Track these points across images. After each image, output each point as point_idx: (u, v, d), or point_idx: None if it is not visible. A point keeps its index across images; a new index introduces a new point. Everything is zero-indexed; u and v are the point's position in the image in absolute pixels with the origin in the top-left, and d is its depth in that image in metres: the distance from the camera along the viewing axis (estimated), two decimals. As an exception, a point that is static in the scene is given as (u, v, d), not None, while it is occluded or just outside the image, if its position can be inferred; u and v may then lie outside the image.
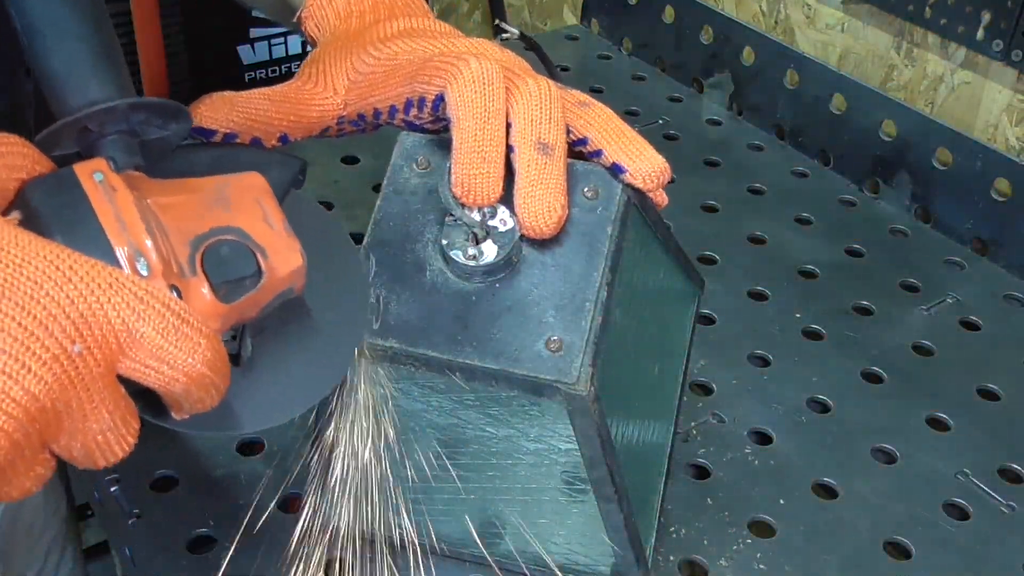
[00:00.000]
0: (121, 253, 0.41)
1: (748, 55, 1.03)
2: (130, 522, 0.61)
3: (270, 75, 1.23)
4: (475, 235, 0.50)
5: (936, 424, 0.71)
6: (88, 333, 0.38)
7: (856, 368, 0.75)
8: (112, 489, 0.63)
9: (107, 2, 0.49)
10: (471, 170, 0.50)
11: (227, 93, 0.56)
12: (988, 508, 0.65)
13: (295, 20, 0.65)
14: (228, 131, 0.55)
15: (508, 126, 0.51)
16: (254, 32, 1.20)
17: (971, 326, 0.80)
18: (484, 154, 0.50)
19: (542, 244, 0.51)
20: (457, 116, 0.51)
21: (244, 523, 0.58)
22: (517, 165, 0.51)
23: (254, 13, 1.18)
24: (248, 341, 0.47)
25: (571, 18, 1.35)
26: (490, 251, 0.50)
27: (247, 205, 0.46)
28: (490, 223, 0.50)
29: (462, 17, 1.54)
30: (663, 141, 1.00)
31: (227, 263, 0.44)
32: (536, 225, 0.50)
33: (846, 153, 0.96)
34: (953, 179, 0.88)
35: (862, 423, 0.71)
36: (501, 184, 0.50)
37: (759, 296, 0.81)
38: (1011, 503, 0.65)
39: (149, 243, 0.41)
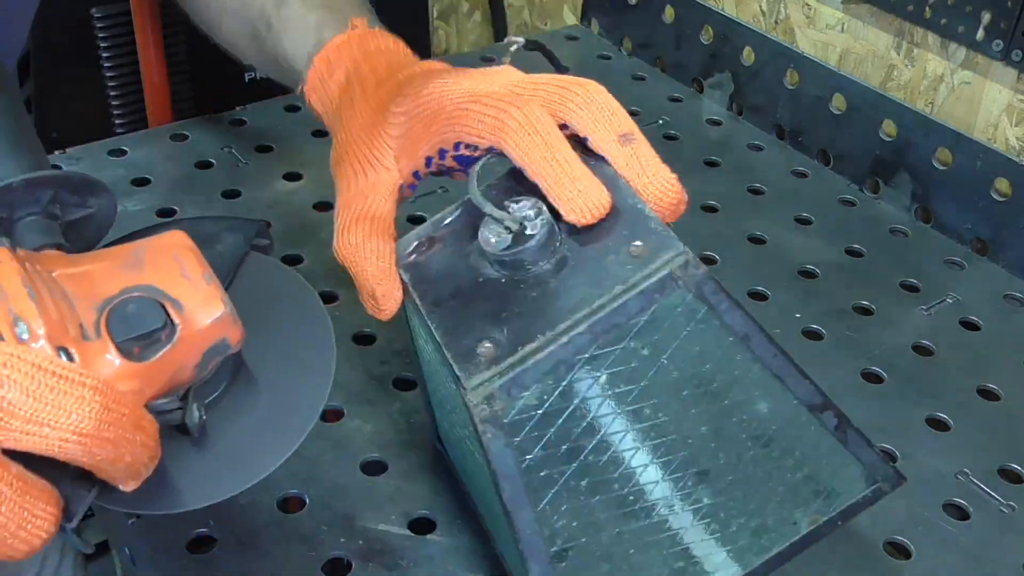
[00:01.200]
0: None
1: (748, 55, 1.03)
2: (130, 522, 0.61)
3: (270, 75, 1.23)
4: (508, 228, 0.51)
5: (936, 424, 0.71)
6: None
7: (856, 368, 0.75)
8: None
9: (107, 3, 0.49)
10: (572, 195, 0.50)
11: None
12: (988, 508, 0.65)
13: (298, 92, 0.66)
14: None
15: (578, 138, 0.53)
16: (254, 32, 1.20)
17: (971, 326, 0.80)
18: (571, 175, 0.51)
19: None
20: (527, 163, 0.52)
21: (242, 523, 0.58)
22: (615, 168, 0.52)
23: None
24: (194, 408, 0.45)
25: (571, 18, 1.35)
26: (533, 231, 0.51)
27: (163, 262, 0.44)
28: (519, 215, 0.51)
29: (462, 17, 1.54)
30: (663, 141, 1.00)
31: (132, 319, 0.42)
32: (667, 200, 0.51)
33: (846, 153, 0.96)
34: (953, 179, 0.88)
35: (862, 423, 0.70)
36: (603, 185, 0.51)
37: (759, 296, 0.81)
38: (1011, 503, 0.65)
39: (32, 308, 0.40)
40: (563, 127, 0.53)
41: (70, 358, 0.40)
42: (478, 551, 0.60)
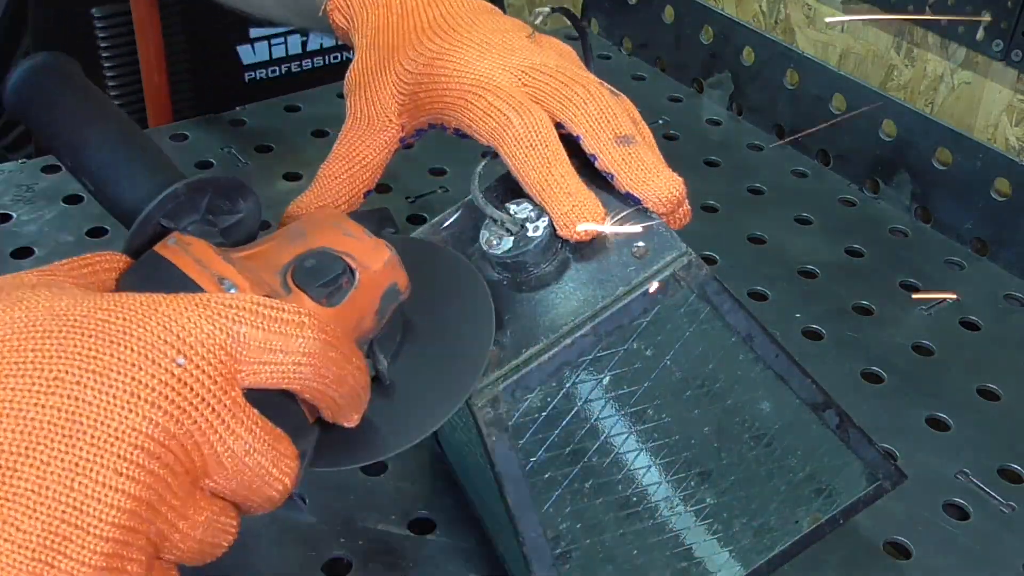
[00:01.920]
0: (206, 284, 0.42)
1: (748, 55, 1.03)
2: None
3: (270, 75, 1.23)
4: (509, 230, 0.51)
5: (936, 424, 0.71)
6: (191, 349, 0.38)
7: (856, 368, 0.75)
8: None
9: (107, 3, 0.50)
10: (567, 210, 0.50)
11: (308, 194, 0.60)
12: (988, 508, 0.65)
13: (320, 13, 0.64)
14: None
15: (576, 138, 0.52)
16: (254, 32, 1.20)
17: (971, 326, 0.80)
18: (566, 190, 0.50)
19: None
20: (522, 175, 0.51)
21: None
22: (609, 168, 0.51)
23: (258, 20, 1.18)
24: (381, 357, 0.48)
25: (571, 18, 1.35)
26: (535, 232, 0.51)
27: (324, 229, 0.47)
28: (520, 216, 0.51)
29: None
30: (663, 141, 1.00)
31: (316, 270, 0.45)
32: (663, 205, 0.51)
33: (846, 153, 0.96)
34: (953, 179, 0.88)
35: (862, 423, 0.70)
36: (599, 202, 0.50)
37: (759, 296, 0.81)
38: (1011, 503, 0.65)
39: (232, 269, 0.43)
40: (559, 125, 0.53)
41: None
42: (478, 551, 0.60)
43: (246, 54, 1.21)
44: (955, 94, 0.93)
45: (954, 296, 0.81)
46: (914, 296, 0.82)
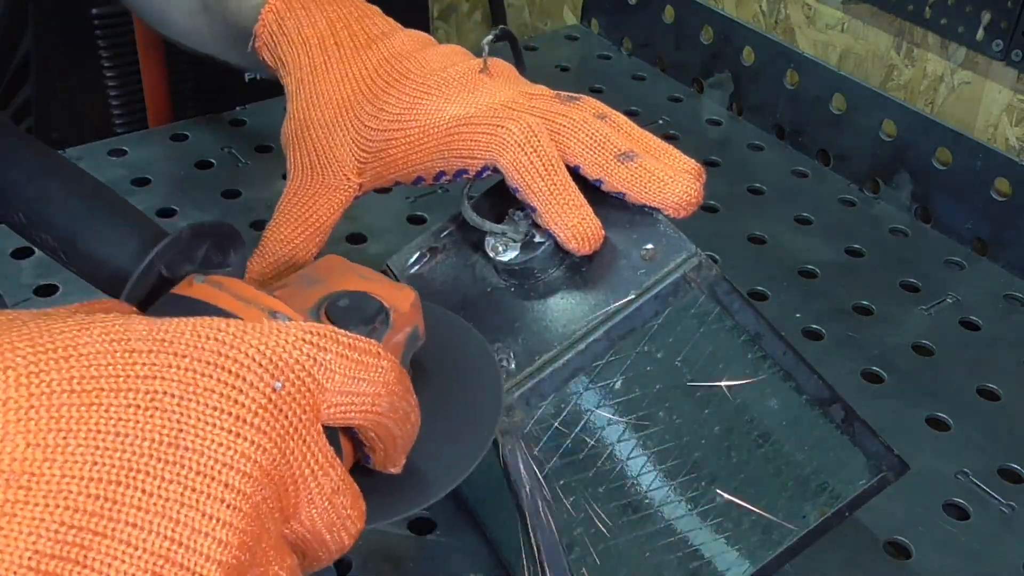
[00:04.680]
0: (255, 318, 0.39)
1: (748, 55, 1.03)
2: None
3: (270, 75, 1.23)
4: (512, 240, 0.51)
5: (936, 424, 0.71)
6: (284, 371, 0.35)
7: (856, 368, 0.75)
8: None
9: (107, 3, 0.49)
10: (570, 222, 0.49)
11: (254, 257, 0.56)
12: (988, 508, 0.65)
13: (249, 49, 0.60)
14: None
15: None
16: (254, 32, 1.20)
17: (971, 326, 0.80)
18: (570, 203, 0.50)
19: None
20: (524, 183, 0.50)
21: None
22: (619, 188, 0.50)
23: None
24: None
25: (571, 18, 1.35)
26: (542, 239, 0.51)
27: (340, 274, 0.46)
28: (527, 222, 0.51)
29: (462, 17, 1.54)
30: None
31: (353, 309, 0.43)
32: (684, 204, 0.51)
33: (846, 153, 0.96)
34: (953, 179, 0.88)
35: (862, 423, 0.71)
36: (598, 220, 0.50)
37: (759, 296, 0.81)
38: (1011, 503, 0.65)
39: (279, 302, 0.40)
40: None
41: None
42: (478, 551, 0.60)
43: (246, 54, 1.21)
44: (955, 94, 0.93)
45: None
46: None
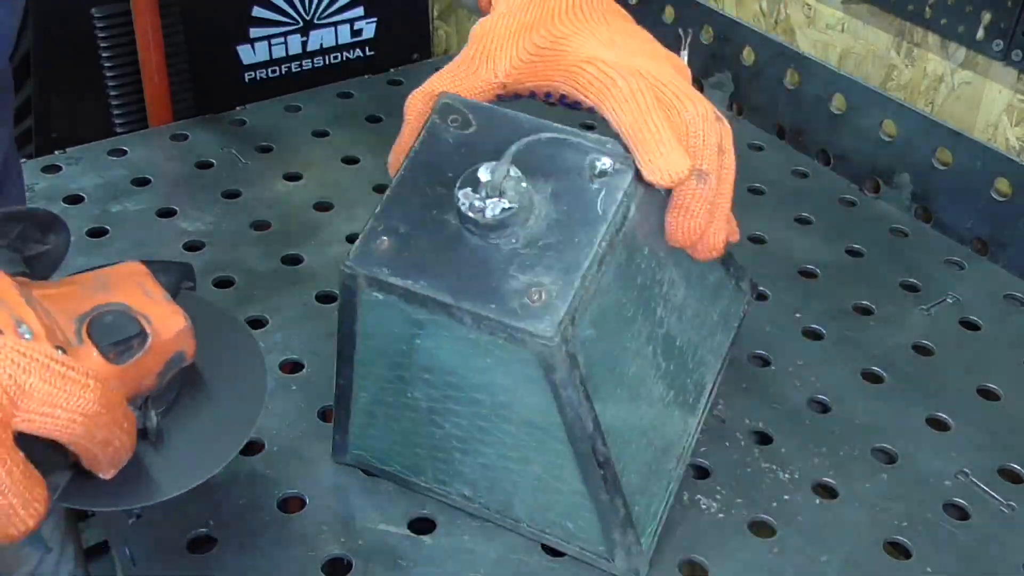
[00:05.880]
0: (3, 324, 0.44)
1: (748, 55, 1.03)
2: (130, 522, 0.61)
3: (270, 75, 1.23)
4: (486, 193, 0.53)
5: (936, 424, 0.71)
6: None
7: (856, 368, 0.75)
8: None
9: (107, 2, 0.51)
10: (656, 157, 0.54)
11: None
12: (988, 508, 0.65)
13: None
14: None
15: None
16: (254, 32, 1.20)
17: (971, 326, 0.80)
18: (658, 139, 0.54)
19: (550, 213, 0.55)
20: (621, 124, 0.55)
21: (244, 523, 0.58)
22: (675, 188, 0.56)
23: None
24: (152, 414, 0.51)
25: (571, 18, 1.34)
26: (495, 209, 0.53)
27: (127, 285, 0.50)
28: (503, 185, 0.53)
29: (463, 17, 1.54)
30: (663, 141, 1.00)
31: (112, 328, 0.48)
32: (681, 241, 0.57)
33: (846, 153, 0.96)
34: (953, 179, 0.88)
35: (862, 423, 0.71)
36: (686, 155, 0.55)
37: (759, 296, 0.81)
38: (1011, 503, 0.65)
39: (31, 313, 0.45)
40: None
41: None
42: (478, 551, 0.60)
43: (246, 54, 1.21)
44: (955, 94, 0.93)
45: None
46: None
